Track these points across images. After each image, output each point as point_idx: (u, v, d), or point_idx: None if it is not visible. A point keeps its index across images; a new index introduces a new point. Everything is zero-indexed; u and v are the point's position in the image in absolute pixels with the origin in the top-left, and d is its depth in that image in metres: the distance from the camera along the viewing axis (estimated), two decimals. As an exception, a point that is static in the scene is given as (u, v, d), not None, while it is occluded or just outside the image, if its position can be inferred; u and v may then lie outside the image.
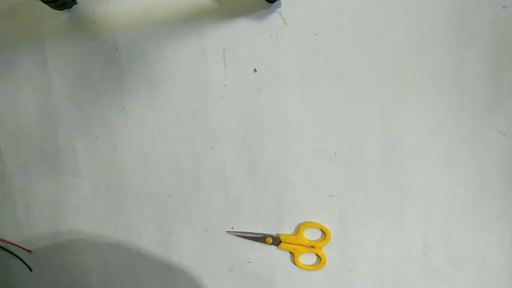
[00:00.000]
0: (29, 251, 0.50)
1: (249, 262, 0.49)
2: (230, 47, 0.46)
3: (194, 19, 0.45)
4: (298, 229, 0.48)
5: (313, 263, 0.49)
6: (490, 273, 0.47)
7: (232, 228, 0.49)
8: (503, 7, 0.43)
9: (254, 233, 0.48)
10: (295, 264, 0.48)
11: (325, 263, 0.48)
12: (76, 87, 0.47)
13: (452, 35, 0.44)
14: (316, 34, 0.45)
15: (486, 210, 0.46)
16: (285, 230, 0.48)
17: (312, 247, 0.48)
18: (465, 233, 0.47)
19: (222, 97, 0.46)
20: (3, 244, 0.50)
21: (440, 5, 0.44)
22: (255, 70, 0.46)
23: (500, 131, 0.45)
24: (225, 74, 0.46)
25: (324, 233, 0.48)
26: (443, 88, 0.45)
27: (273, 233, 0.48)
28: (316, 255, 0.48)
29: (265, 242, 0.48)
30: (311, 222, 0.48)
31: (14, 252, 0.50)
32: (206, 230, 0.49)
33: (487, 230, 0.47)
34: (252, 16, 0.45)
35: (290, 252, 0.49)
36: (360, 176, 0.47)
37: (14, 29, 0.46)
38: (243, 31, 0.45)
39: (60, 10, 0.45)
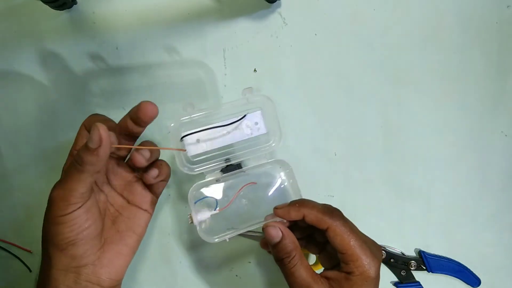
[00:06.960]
0: (29, 251, 0.50)
1: (249, 262, 0.49)
2: (230, 47, 0.46)
3: (194, 19, 0.45)
4: (298, 229, 0.48)
5: (313, 263, 0.48)
6: (489, 272, 0.47)
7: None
8: (507, 6, 0.43)
9: (254, 233, 0.48)
10: (295, 265, 0.48)
11: (325, 264, 0.48)
12: (76, 87, 0.47)
13: (456, 34, 0.44)
14: (316, 34, 0.45)
15: (486, 209, 0.46)
16: (285, 230, 0.48)
17: (312, 247, 0.48)
18: (464, 232, 0.47)
19: (222, 97, 0.46)
20: (2, 244, 0.49)
21: (444, 4, 0.44)
22: (255, 70, 0.46)
23: (502, 131, 0.45)
24: (225, 74, 0.46)
25: (324, 233, 0.47)
26: (445, 87, 0.45)
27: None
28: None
29: (265, 242, 0.48)
30: (311, 222, 0.47)
31: (13, 253, 0.49)
32: (206, 230, 0.49)
33: (486, 230, 0.47)
34: (252, 16, 0.45)
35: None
36: (360, 176, 0.47)
37: (14, 29, 0.46)
38: (243, 31, 0.45)
39: (60, 10, 0.45)
